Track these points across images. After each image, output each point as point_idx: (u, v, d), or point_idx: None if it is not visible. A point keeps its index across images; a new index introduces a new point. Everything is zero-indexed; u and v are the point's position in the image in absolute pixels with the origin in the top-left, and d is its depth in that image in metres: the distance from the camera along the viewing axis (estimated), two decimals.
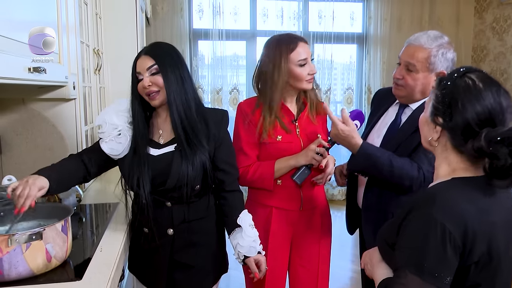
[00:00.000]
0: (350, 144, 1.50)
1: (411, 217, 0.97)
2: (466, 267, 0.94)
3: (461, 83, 0.99)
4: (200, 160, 1.40)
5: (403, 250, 0.97)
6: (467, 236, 0.92)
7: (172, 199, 1.43)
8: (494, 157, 0.92)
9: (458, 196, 0.97)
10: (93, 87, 2.35)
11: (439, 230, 0.91)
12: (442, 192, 0.98)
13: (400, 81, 1.57)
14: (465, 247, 0.92)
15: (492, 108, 0.96)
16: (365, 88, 4.97)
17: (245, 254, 1.47)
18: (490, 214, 0.96)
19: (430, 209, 0.94)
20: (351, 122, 1.51)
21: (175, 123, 1.39)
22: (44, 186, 1.25)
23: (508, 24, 4.63)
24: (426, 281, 0.91)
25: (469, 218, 0.93)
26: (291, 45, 1.60)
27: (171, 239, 1.45)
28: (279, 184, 1.67)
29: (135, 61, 1.42)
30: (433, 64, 1.50)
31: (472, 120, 0.96)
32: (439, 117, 1.02)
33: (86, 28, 2.18)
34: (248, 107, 1.67)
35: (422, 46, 1.50)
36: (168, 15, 4.55)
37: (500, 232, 0.97)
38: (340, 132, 1.49)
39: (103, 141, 1.43)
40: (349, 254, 3.60)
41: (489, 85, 0.98)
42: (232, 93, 4.77)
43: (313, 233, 1.74)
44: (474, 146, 0.94)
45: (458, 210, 0.94)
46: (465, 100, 0.97)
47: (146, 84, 1.38)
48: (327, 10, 4.80)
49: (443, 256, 0.91)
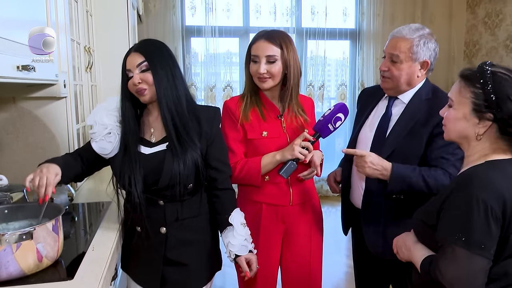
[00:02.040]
0: (381, 171, 1.50)
1: (453, 198, 1.08)
2: (505, 237, 1.05)
3: (498, 79, 1.09)
4: (192, 158, 1.40)
5: (448, 228, 1.07)
6: (506, 209, 1.03)
7: (165, 197, 1.42)
8: None
9: (494, 174, 1.08)
10: (84, 85, 2.33)
11: (481, 206, 1.02)
12: (479, 172, 1.10)
13: (386, 73, 1.61)
14: (504, 219, 1.04)
15: None
16: (359, 84, 4.98)
17: (236, 253, 1.46)
18: None
19: (471, 188, 1.05)
20: (364, 151, 1.53)
21: (166, 120, 1.38)
22: (58, 172, 1.29)
23: (500, 19, 4.65)
24: (474, 253, 1.02)
25: (506, 193, 1.04)
26: (254, 39, 1.64)
27: (164, 238, 1.45)
28: (267, 180, 1.68)
29: (125, 58, 1.41)
30: (416, 54, 1.55)
31: None
32: (487, 113, 1.11)
33: (76, 26, 2.16)
34: (234, 105, 1.69)
35: (404, 37, 1.56)
36: (160, 12, 4.52)
37: None
38: (370, 164, 1.49)
39: (94, 140, 1.43)
40: (344, 249, 3.62)
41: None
42: (226, 90, 4.76)
43: (304, 228, 1.74)
44: None
45: (496, 186, 1.05)
46: (510, 91, 1.08)
47: (136, 81, 1.37)
48: (320, 6, 4.80)
49: (487, 229, 1.02)
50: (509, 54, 4.53)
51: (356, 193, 1.71)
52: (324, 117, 1.62)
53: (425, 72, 1.60)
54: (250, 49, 1.65)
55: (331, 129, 1.62)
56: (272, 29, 1.68)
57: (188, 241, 1.47)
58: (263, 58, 1.59)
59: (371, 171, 1.50)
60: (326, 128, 1.62)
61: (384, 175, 1.50)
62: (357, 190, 1.70)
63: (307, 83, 4.90)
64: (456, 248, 1.04)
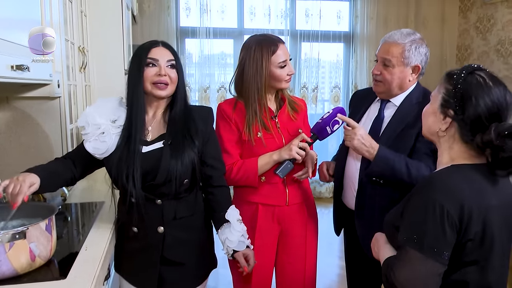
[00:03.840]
0: (369, 147, 1.53)
1: (413, 200, 1.07)
2: (463, 243, 1.03)
3: (473, 80, 1.08)
4: (189, 156, 1.42)
5: (404, 229, 1.06)
6: (463, 215, 1.01)
7: (162, 195, 1.43)
8: (500, 149, 1.01)
9: (455, 178, 1.06)
10: (78, 85, 2.32)
11: (437, 209, 1.01)
12: (441, 175, 1.09)
13: (378, 77, 1.64)
14: (461, 225, 1.01)
15: (500, 104, 1.05)
16: (352, 86, 5.01)
17: (235, 249, 1.49)
18: (486, 197, 1.05)
19: (429, 191, 1.04)
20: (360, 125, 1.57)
21: (175, 118, 1.44)
22: (34, 182, 1.26)
23: (491, 23, 4.71)
24: (426, 256, 1.01)
25: (465, 198, 1.02)
26: (272, 47, 1.64)
27: (161, 237, 1.45)
28: (263, 181, 1.69)
29: (148, 49, 1.43)
30: (408, 58, 1.58)
31: (483, 114, 1.05)
32: (450, 110, 1.10)
33: (71, 26, 2.16)
34: (228, 107, 1.70)
35: (396, 42, 1.59)
36: (155, 13, 4.52)
37: (495, 215, 1.05)
38: (360, 137, 1.53)
39: (87, 141, 1.43)
40: (336, 250, 3.63)
41: (497, 83, 1.08)
42: (220, 91, 4.76)
43: (299, 230, 1.76)
44: (483, 139, 1.04)
45: (455, 191, 1.03)
46: (478, 95, 1.05)
47: (163, 72, 1.41)
48: (314, 9, 4.83)
49: (441, 233, 1.01)
50: (500, 58, 4.59)
51: (349, 193, 1.73)
52: (322, 120, 1.65)
53: (416, 76, 1.63)
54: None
55: (328, 131, 1.65)
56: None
57: (184, 240, 1.48)
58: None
59: (359, 145, 1.53)
60: (324, 131, 1.64)
61: (370, 152, 1.53)
62: (350, 191, 1.72)
63: (301, 85, 4.92)
64: (409, 250, 1.02)
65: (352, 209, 1.70)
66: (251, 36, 1.72)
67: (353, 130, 1.54)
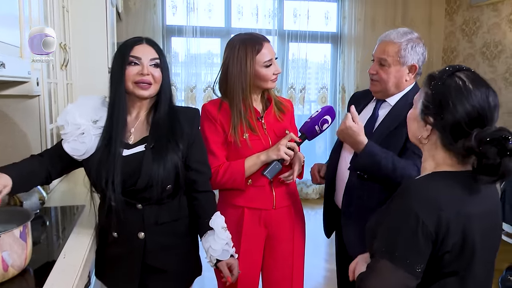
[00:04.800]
0: (355, 142, 1.52)
1: (390, 207, 1.02)
2: (440, 255, 0.97)
3: (452, 83, 1.01)
4: (172, 160, 1.36)
5: (378, 238, 1.01)
6: (440, 225, 0.95)
7: (143, 200, 1.37)
8: (483, 156, 0.95)
9: (434, 186, 1.00)
10: (59, 83, 2.24)
11: (412, 219, 0.95)
12: (419, 183, 1.03)
13: (374, 76, 1.63)
14: (438, 236, 0.95)
15: (481, 108, 0.98)
16: (339, 87, 5.01)
17: (218, 258, 1.42)
18: (467, 205, 0.99)
19: (405, 199, 0.99)
20: (359, 121, 1.53)
21: (159, 121, 1.38)
22: (7, 183, 1.18)
23: (477, 26, 4.75)
24: (397, 266, 0.95)
25: (443, 208, 0.96)
26: (257, 46, 1.60)
27: (142, 243, 1.39)
28: (250, 183, 1.64)
29: (131, 46, 1.36)
30: (404, 57, 1.56)
31: (462, 120, 0.98)
32: (429, 116, 1.04)
33: (51, 22, 2.08)
34: (213, 108, 1.65)
35: (392, 41, 1.57)
36: (140, 10, 4.44)
37: (476, 224, 0.99)
38: (348, 128, 1.50)
39: (66, 141, 1.36)
40: (323, 253, 3.61)
41: (478, 85, 1.00)
42: (206, 91, 4.70)
43: (287, 233, 1.72)
44: (464, 146, 0.98)
45: (432, 199, 0.97)
46: (456, 100, 0.99)
47: (145, 71, 1.34)
48: (302, 9, 4.80)
49: (415, 244, 0.95)
50: (485, 61, 4.63)
51: (340, 193, 1.69)
52: (311, 119, 1.62)
53: (413, 76, 1.61)
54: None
55: (317, 131, 1.61)
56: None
57: (167, 246, 1.43)
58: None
59: (344, 133, 1.51)
60: (313, 130, 1.61)
61: (357, 142, 1.50)
62: (341, 191, 1.68)
63: (288, 86, 4.89)
64: (381, 260, 0.97)
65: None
66: (235, 35, 1.68)
67: (344, 121, 1.52)
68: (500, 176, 0.95)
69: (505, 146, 0.93)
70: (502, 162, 0.93)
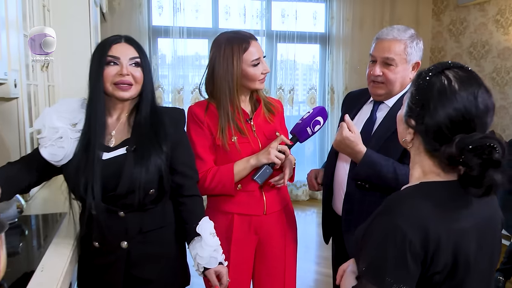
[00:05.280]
0: (354, 152, 1.45)
1: (374, 223, 0.92)
2: (429, 276, 0.88)
3: (436, 83, 0.91)
4: (155, 163, 1.30)
5: (364, 258, 0.91)
6: (428, 244, 0.86)
7: (125, 207, 1.30)
8: (466, 165, 0.85)
9: (422, 201, 0.89)
10: (40, 85, 2.16)
11: (398, 237, 0.85)
12: (405, 196, 0.93)
13: (380, 78, 1.53)
14: (426, 256, 0.86)
15: (467, 112, 0.87)
16: (328, 88, 4.98)
17: (205, 266, 1.36)
18: (460, 220, 0.90)
19: (391, 215, 0.89)
20: (356, 129, 1.46)
21: (141, 122, 1.32)
22: None
23: (464, 26, 4.77)
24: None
25: (432, 225, 0.86)
26: (244, 44, 1.53)
27: (125, 253, 1.33)
28: (240, 189, 1.58)
29: (109, 45, 1.30)
30: (410, 55, 1.50)
31: (444, 124, 0.88)
32: (411, 119, 0.95)
33: (31, 21, 2.00)
34: (200, 110, 1.59)
35: (396, 38, 1.49)
36: (125, 10, 4.36)
37: (470, 240, 0.90)
38: (345, 138, 1.43)
39: (43, 146, 1.28)
40: (313, 256, 3.56)
41: (467, 85, 0.89)
42: (194, 93, 4.63)
43: (278, 239, 1.66)
44: (444, 153, 0.87)
45: (420, 216, 0.87)
46: (438, 102, 0.89)
47: (125, 71, 1.27)
48: (290, 10, 4.77)
49: (403, 265, 0.85)
50: (473, 61, 4.65)
51: (338, 199, 1.63)
52: (302, 120, 1.56)
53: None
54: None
55: (309, 133, 1.56)
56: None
57: (152, 256, 1.36)
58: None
59: (339, 145, 1.46)
60: (305, 132, 1.55)
61: (355, 152, 1.45)
62: (339, 197, 1.63)
63: (277, 87, 4.85)
64: (366, 283, 0.88)
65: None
66: (221, 33, 1.61)
67: (339, 130, 1.45)
68: (486, 189, 0.84)
69: (490, 156, 0.82)
70: (487, 174, 0.83)
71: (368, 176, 1.46)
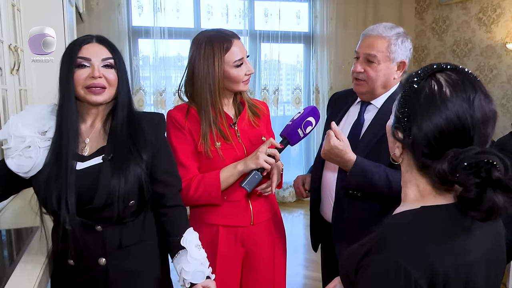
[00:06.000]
0: (343, 160, 1.39)
1: (369, 261, 0.77)
2: None
3: (424, 88, 0.79)
4: (135, 172, 1.21)
5: None
6: (437, 283, 0.73)
7: (102, 220, 1.21)
8: (462, 185, 0.73)
9: (426, 232, 0.77)
10: (10, 89, 2.02)
11: (402, 278, 0.72)
12: (407, 228, 0.79)
13: (361, 75, 1.48)
14: None
15: (460, 121, 0.75)
16: (313, 88, 4.93)
17: (191, 281, 1.27)
18: (468, 252, 0.78)
19: (391, 252, 0.75)
20: (343, 136, 1.39)
21: (117, 128, 1.23)
22: None
23: (446, 24, 4.78)
24: None
25: (439, 261, 0.74)
26: (225, 43, 1.43)
27: (104, 270, 1.23)
28: (225, 198, 1.49)
29: (79, 45, 1.20)
30: (394, 53, 1.44)
31: (433, 137, 0.76)
32: (398, 131, 0.83)
33: None
34: (180, 114, 1.49)
35: (381, 35, 1.44)
36: (104, 11, 4.22)
37: (479, 272, 0.79)
38: (334, 148, 1.36)
39: (9, 157, 1.17)
40: (301, 259, 3.50)
41: (460, 90, 0.77)
42: (177, 95, 4.50)
43: (267, 250, 1.57)
44: (436, 170, 0.75)
45: (425, 251, 0.74)
46: (425, 111, 0.77)
47: (97, 73, 1.17)
48: (273, 9, 4.70)
49: None
50: (456, 59, 4.66)
51: (326, 205, 1.57)
52: (293, 121, 1.47)
53: (401, 74, 1.50)
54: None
55: (300, 135, 1.47)
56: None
57: (133, 272, 1.27)
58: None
59: (330, 153, 1.39)
60: (296, 134, 1.46)
61: (345, 161, 1.38)
62: (327, 202, 1.56)
63: (261, 87, 4.77)
64: None
65: (330, 221, 1.54)
66: (201, 31, 1.50)
67: (326, 139, 1.38)
68: (487, 213, 0.72)
69: (489, 174, 0.70)
70: (484, 196, 0.70)
71: (360, 185, 1.40)
